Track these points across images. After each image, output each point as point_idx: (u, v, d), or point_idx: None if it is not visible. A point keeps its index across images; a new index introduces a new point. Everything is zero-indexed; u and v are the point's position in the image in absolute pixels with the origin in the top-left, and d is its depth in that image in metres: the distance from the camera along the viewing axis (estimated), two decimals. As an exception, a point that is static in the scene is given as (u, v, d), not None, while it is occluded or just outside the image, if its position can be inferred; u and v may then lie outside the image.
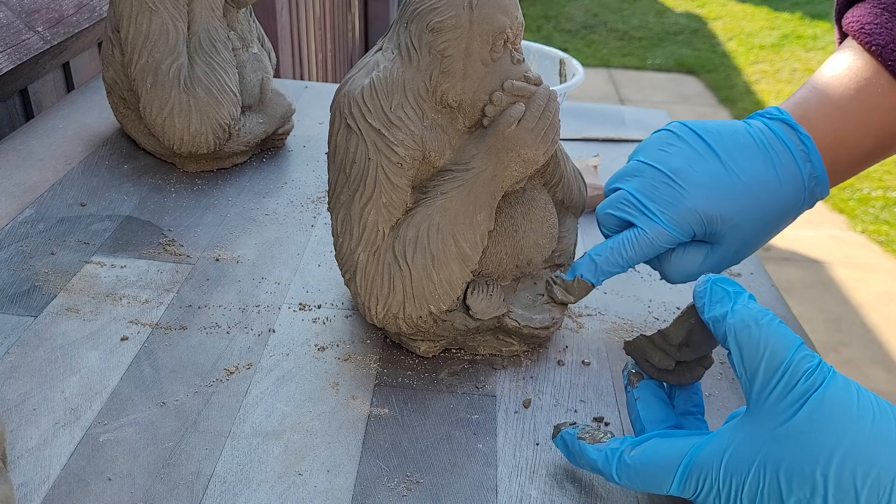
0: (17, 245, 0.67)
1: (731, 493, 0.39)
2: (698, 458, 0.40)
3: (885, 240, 2.58)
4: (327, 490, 0.47)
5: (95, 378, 0.53)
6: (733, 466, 0.38)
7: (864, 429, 0.36)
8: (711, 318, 0.41)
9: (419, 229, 0.52)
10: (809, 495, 0.36)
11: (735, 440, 0.39)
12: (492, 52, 0.52)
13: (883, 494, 0.35)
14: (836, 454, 0.35)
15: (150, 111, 0.76)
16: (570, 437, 0.46)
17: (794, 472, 0.36)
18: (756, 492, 0.38)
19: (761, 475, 0.37)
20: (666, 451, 0.41)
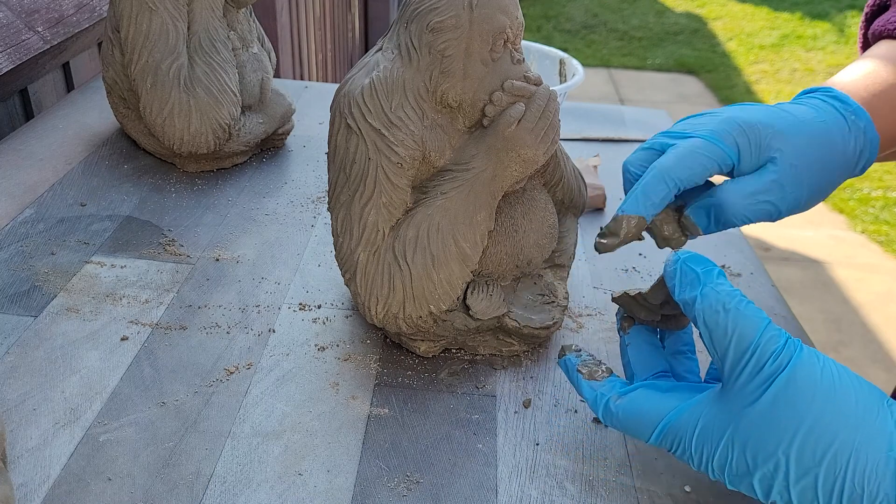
0: (17, 245, 0.67)
1: (703, 460, 0.41)
2: (674, 424, 0.42)
3: (885, 240, 2.58)
4: (327, 490, 0.47)
5: (95, 378, 0.53)
6: (704, 438, 0.41)
7: (825, 407, 0.38)
8: (681, 301, 0.42)
9: (419, 229, 0.52)
10: (773, 471, 0.39)
11: (708, 413, 0.41)
12: (492, 52, 0.52)
13: (840, 470, 0.37)
14: (798, 434, 0.38)
15: (150, 111, 0.76)
16: (571, 366, 0.48)
17: (759, 450, 0.39)
18: (725, 463, 0.40)
19: (730, 449, 0.40)
20: (646, 408, 0.44)
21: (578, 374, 0.47)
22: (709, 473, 0.42)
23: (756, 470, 0.39)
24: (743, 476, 0.40)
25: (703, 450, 0.41)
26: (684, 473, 0.50)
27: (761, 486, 0.40)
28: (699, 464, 0.42)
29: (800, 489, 0.38)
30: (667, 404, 0.43)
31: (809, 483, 0.38)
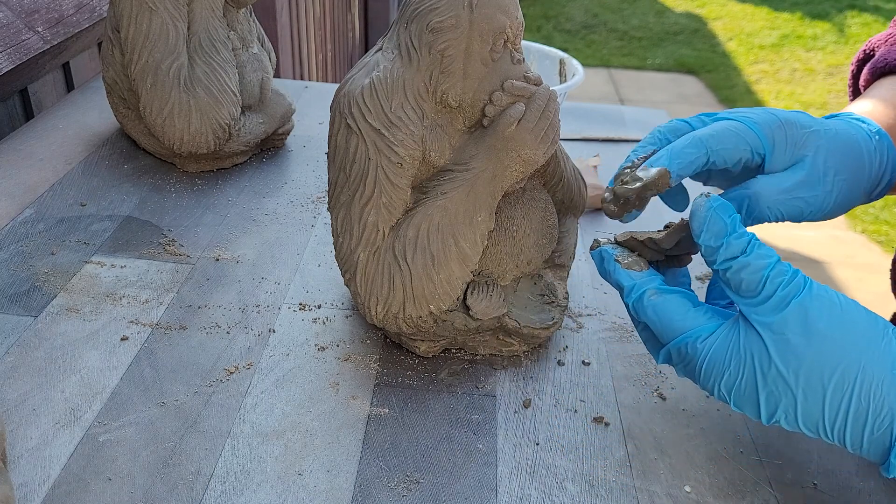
0: (17, 245, 0.67)
1: (711, 379, 0.44)
2: (692, 342, 0.45)
3: (885, 240, 2.58)
4: (327, 490, 0.47)
5: (95, 378, 0.53)
6: (716, 358, 0.43)
7: (834, 329, 0.40)
8: (705, 245, 0.44)
9: (419, 229, 0.52)
10: (781, 389, 0.41)
11: (724, 336, 0.43)
12: (492, 52, 0.52)
13: (847, 387, 0.40)
14: (808, 353, 0.40)
15: (150, 111, 0.76)
16: (608, 256, 0.49)
17: (768, 369, 0.42)
18: (734, 383, 0.43)
19: (740, 369, 0.42)
20: (676, 316, 0.45)
21: (616, 263, 0.48)
22: (713, 393, 0.44)
23: (764, 388, 0.42)
24: (749, 396, 0.42)
25: (714, 370, 0.43)
26: (684, 473, 0.50)
27: (767, 406, 0.42)
28: (704, 383, 0.44)
29: (806, 406, 0.41)
30: (693, 321, 0.45)
31: (816, 400, 0.40)
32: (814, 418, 0.41)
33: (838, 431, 0.41)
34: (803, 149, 0.50)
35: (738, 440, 0.53)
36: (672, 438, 0.52)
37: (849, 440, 0.41)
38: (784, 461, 0.51)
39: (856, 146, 0.52)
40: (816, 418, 0.41)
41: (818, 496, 0.49)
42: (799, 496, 0.49)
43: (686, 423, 0.54)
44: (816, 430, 0.42)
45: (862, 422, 0.40)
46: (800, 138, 0.50)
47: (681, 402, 0.56)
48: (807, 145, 0.50)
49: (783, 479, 0.50)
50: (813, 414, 0.41)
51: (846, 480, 0.50)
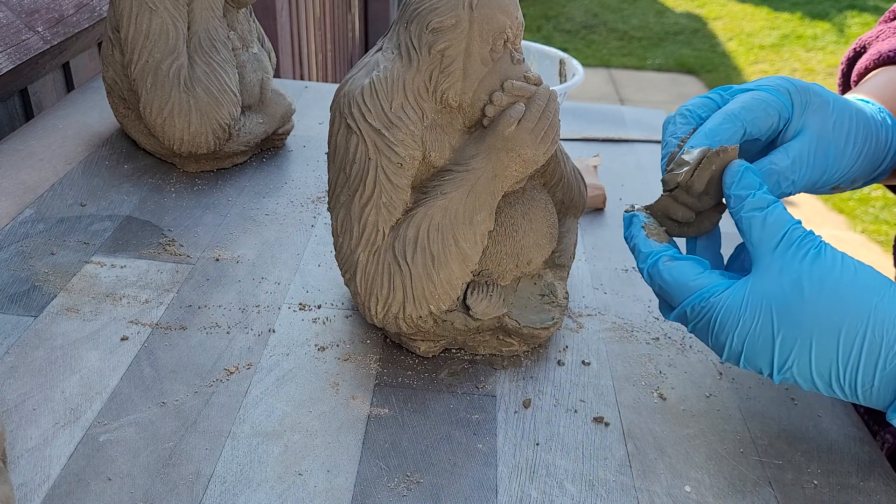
0: (17, 245, 0.67)
1: (725, 332, 0.45)
2: (707, 297, 0.46)
3: (885, 240, 2.58)
4: (327, 490, 0.47)
5: (95, 378, 0.53)
6: (731, 309, 0.45)
7: (847, 278, 0.43)
8: (735, 194, 0.47)
9: (419, 229, 0.52)
10: (794, 333, 0.43)
11: (738, 291, 0.45)
12: (492, 52, 0.52)
13: (861, 324, 0.42)
14: (822, 296, 0.43)
15: (150, 111, 0.76)
16: (637, 221, 0.51)
17: (783, 314, 0.43)
18: (748, 332, 0.44)
19: (757, 316, 0.44)
20: (688, 277, 0.47)
21: (642, 230, 0.50)
22: (725, 349, 0.46)
23: (779, 334, 0.43)
24: (764, 344, 0.44)
25: (729, 320, 0.45)
26: (684, 473, 0.50)
27: (781, 352, 0.44)
28: (718, 336, 0.46)
29: (820, 348, 0.43)
30: (707, 280, 0.47)
31: (831, 339, 0.42)
32: (827, 360, 0.43)
33: (851, 370, 0.43)
34: (818, 114, 0.52)
35: (738, 440, 0.53)
36: (672, 438, 0.52)
37: (860, 380, 0.43)
38: (784, 461, 0.51)
39: (864, 115, 0.54)
40: (830, 360, 0.43)
41: (818, 496, 0.49)
42: (799, 496, 0.49)
43: (686, 423, 0.54)
44: (829, 375, 0.43)
45: (875, 357, 0.42)
46: (815, 105, 0.52)
47: (681, 402, 0.56)
48: (821, 111, 0.52)
49: (783, 479, 0.50)
50: (827, 355, 0.43)
51: (846, 480, 0.50)
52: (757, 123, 0.50)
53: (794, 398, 0.57)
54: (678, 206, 0.51)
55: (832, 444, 0.53)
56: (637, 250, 0.50)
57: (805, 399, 0.57)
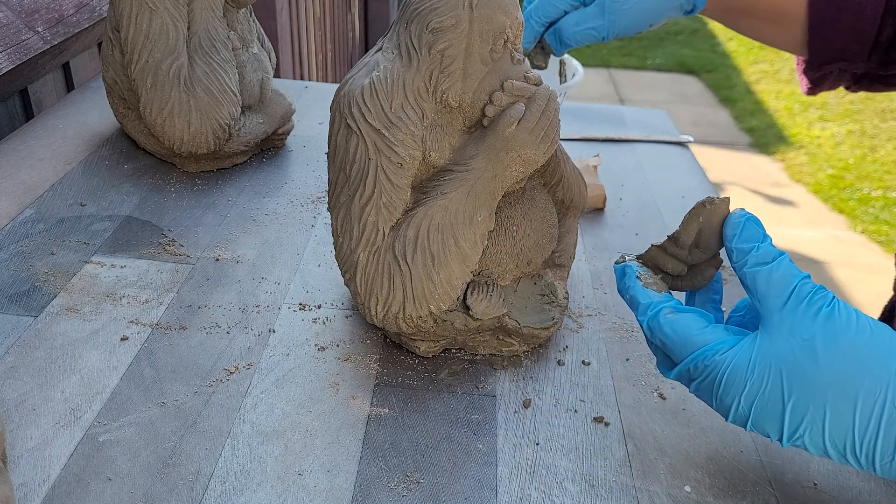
0: (17, 245, 0.67)
1: (731, 393, 0.43)
2: (711, 353, 0.43)
3: (885, 240, 2.58)
4: (327, 490, 0.47)
5: (95, 378, 0.53)
6: (738, 369, 0.42)
7: (863, 339, 0.40)
8: (737, 248, 0.44)
9: (419, 229, 0.52)
10: (807, 397, 0.40)
11: (746, 348, 0.42)
12: (492, 52, 0.52)
13: (880, 390, 0.39)
14: (838, 359, 0.40)
15: (150, 111, 0.76)
16: (630, 272, 0.49)
17: (795, 377, 0.40)
18: (756, 393, 0.42)
19: (766, 377, 0.41)
20: (692, 332, 0.44)
21: (637, 280, 0.48)
22: (731, 411, 0.43)
23: (790, 399, 0.40)
24: (773, 408, 0.41)
25: (736, 380, 0.42)
26: (684, 473, 0.50)
27: (792, 419, 0.41)
28: (724, 396, 0.43)
29: (835, 415, 0.40)
30: (712, 335, 0.44)
31: (847, 407, 0.39)
32: (843, 429, 0.40)
33: (869, 441, 0.40)
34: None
35: (738, 440, 0.53)
36: (672, 438, 0.52)
37: (879, 451, 0.40)
38: (784, 461, 0.51)
39: None
40: (846, 428, 0.40)
41: (818, 496, 0.49)
42: (799, 496, 0.49)
43: (686, 423, 0.54)
44: (844, 445, 0.40)
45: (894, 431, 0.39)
46: None
47: (681, 402, 0.56)
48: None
49: (783, 479, 0.50)
50: (842, 423, 0.40)
51: (846, 480, 0.50)
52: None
53: (794, 398, 0.57)
54: (668, 258, 0.49)
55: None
56: (635, 302, 0.47)
57: (805, 399, 0.57)
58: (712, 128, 3.55)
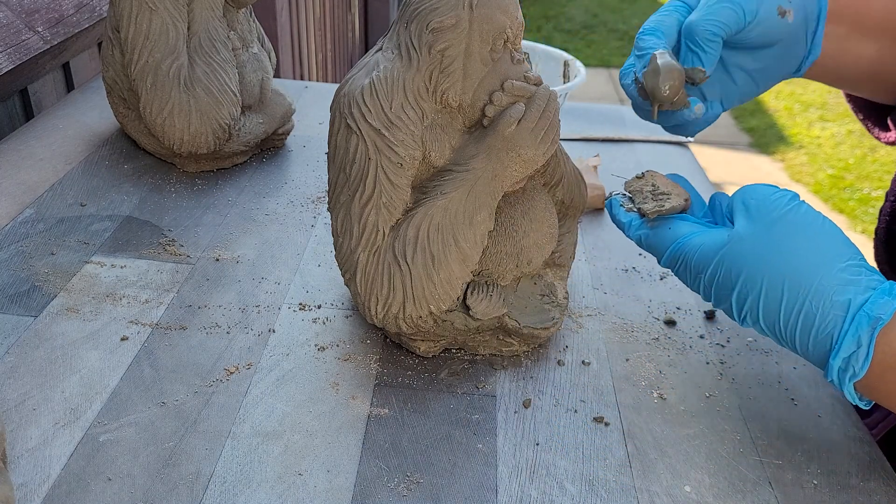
0: (17, 245, 0.67)
1: (698, 277, 0.51)
2: (684, 245, 0.51)
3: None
4: (327, 490, 0.47)
5: (95, 378, 0.53)
6: (703, 257, 0.50)
7: (806, 242, 0.46)
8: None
9: (419, 229, 0.52)
10: (748, 288, 0.47)
11: (711, 239, 0.50)
12: (492, 52, 0.52)
13: (802, 291, 0.46)
14: (774, 260, 0.46)
15: (150, 111, 0.76)
16: (615, 202, 0.58)
17: (741, 269, 0.48)
18: (713, 280, 0.49)
19: (719, 267, 0.49)
20: (669, 231, 0.53)
21: (621, 207, 0.57)
22: (700, 290, 0.51)
23: (735, 287, 0.48)
24: (726, 293, 0.49)
25: (700, 266, 0.50)
26: (684, 473, 0.50)
27: (737, 302, 0.48)
28: (693, 280, 0.51)
29: (767, 303, 0.47)
30: (684, 229, 0.52)
31: (776, 297, 0.46)
32: (772, 315, 0.47)
33: (790, 329, 0.46)
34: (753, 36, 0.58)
35: (738, 440, 0.53)
36: (672, 438, 0.52)
37: (798, 339, 0.46)
38: (784, 461, 0.51)
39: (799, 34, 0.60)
40: (774, 316, 0.47)
41: (818, 496, 0.49)
42: (799, 496, 0.49)
43: (686, 423, 0.54)
44: (773, 328, 0.47)
45: (810, 323, 0.45)
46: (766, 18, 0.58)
47: (681, 402, 0.56)
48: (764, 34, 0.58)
49: (783, 479, 0.50)
50: (771, 311, 0.47)
51: (846, 480, 0.50)
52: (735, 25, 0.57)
53: (794, 398, 0.57)
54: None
55: (832, 444, 0.53)
56: (621, 223, 0.57)
57: (805, 399, 0.57)
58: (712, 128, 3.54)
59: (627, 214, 0.56)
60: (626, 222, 0.56)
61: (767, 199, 0.48)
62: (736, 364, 0.60)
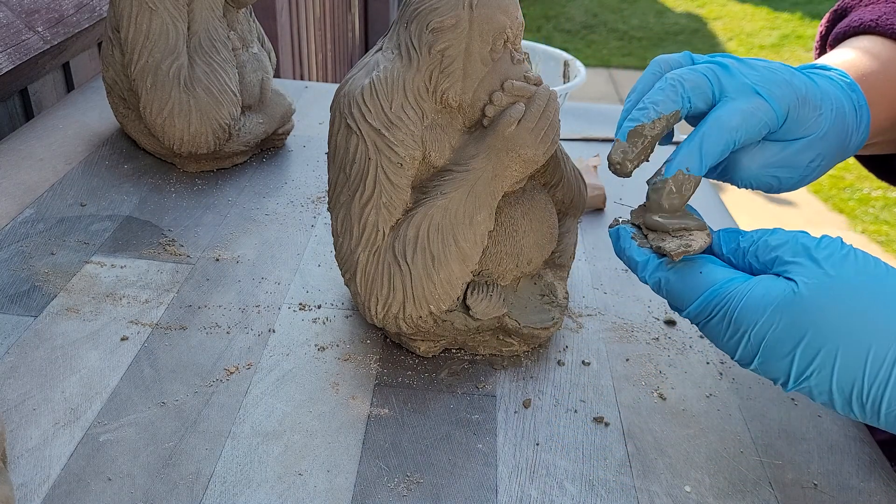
0: (17, 245, 0.67)
1: (740, 330, 0.42)
2: (723, 290, 0.43)
3: (885, 240, 2.58)
4: (327, 490, 0.47)
5: (95, 378, 0.53)
6: (752, 305, 0.41)
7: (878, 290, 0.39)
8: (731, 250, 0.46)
9: (419, 229, 0.52)
10: (821, 341, 0.40)
11: (760, 285, 0.42)
12: (492, 52, 0.52)
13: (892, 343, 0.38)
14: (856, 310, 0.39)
15: (150, 111, 0.76)
16: (624, 234, 0.49)
17: (810, 322, 0.40)
18: (766, 333, 0.41)
19: (777, 318, 0.41)
20: (698, 274, 0.44)
21: (632, 240, 0.48)
22: (739, 347, 0.43)
23: (804, 337, 0.40)
24: (783, 345, 0.41)
25: (749, 314, 0.41)
26: (684, 473, 0.50)
27: (802, 357, 0.40)
28: (733, 334, 0.43)
29: (847, 359, 0.39)
30: (719, 274, 0.44)
31: (860, 351, 0.39)
32: (852, 374, 0.39)
33: (878, 388, 0.39)
34: (803, 129, 0.49)
35: (738, 440, 0.53)
36: (672, 438, 0.52)
37: (886, 401, 0.39)
38: (784, 461, 0.51)
39: (844, 125, 0.50)
40: (855, 374, 0.39)
41: (818, 496, 0.49)
42: (799, 496, 0.49)
43: (686, 423, 0.54)
44: (850, 390, 0.40)
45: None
46: (806, 120, 0.48)
47: (681, 402, 0.56)
48: (809, 127, 0.49)
49: (783, 479, 0.50)
50: (852, 368, 0.39)
51: (846, 480, 0.50)
52: (749, 141, 0.47)
53: (794, 398, 0.57)
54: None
55: (832, 444, 0.53)
56: (633, 261, 0.48)
57: (805, 399, 0.57)
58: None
59: (642, 252, 0.47)
60: (640, 262, 0.47)
61: (844, 255, 0.41)
62: (736, 364, 0.60)
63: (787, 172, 0.50)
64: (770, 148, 0.49)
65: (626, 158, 0.47)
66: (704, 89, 0.47)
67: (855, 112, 0.51)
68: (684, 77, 0.47)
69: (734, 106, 0.46)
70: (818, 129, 0.49)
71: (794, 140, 0.49)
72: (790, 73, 0.49)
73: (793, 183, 0.51)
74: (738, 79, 0.47)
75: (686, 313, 0.45)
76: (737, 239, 0.46)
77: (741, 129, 0.46)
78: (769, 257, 0.43)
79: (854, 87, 0.51)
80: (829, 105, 0.49)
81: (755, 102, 0.46)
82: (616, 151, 0.47)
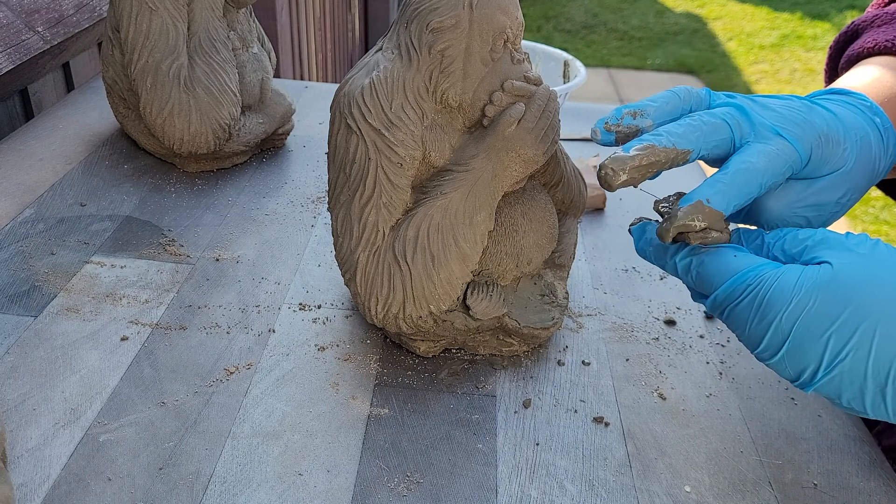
0: (17, 245, 0.67)
1: (769, 315, 0.41)
2: (753, 274, 0.42)
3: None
4: (327, 490, 0.47)
5: (95, 378, 0.53)
6: (782, 289, 0.41)
7: None
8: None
9: (419, 229, 0.52)
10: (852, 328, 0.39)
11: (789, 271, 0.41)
12: (492, 52, 0.52)
13: None
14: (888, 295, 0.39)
15: (150, 111, 0.76)
16: (650, 229, 0.48)
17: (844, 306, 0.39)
18: (798, 316, 0.40)
19: (815, 293, 0.40)
20: (726, 259, 0.44)
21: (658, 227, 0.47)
22: (767, 333, 0.41)
23: (840, 315, 0.39)
24: (818, 328, 0.40)
25: (781, 297, 0.41)
26: (684, 473, 0.50)
27: (837, 340, 0.39)
28: (764, 315, 0.41)
29: (887, 334, 0.38)
30: (750, 260, 0.43)
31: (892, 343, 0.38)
32: (891, 351, 0.38)
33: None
34: (829, 167, 0.48)
35: (738, 440, 0.53)
36: (672, 438, 0.52)
37: None
38: (784, 461, 0.51)
39: (870, 155, 0.49)
40: (893, 356, 0.38)
41: (818, 496, 0.49)
42: (799, 496, 0.49)
43: (686, 423, 0.54)
44: (887, 372, 0.38)
45: None
46: (831, 157, 0.47)
47: (681, 402, 0.56)
48: (834, 164, 0.48)
49: (783, 479, 0.50)
50: (892, 345, 0.38)
51: (846, 480, 0.50)
52: (774, 184, 0.46)
53: (794, 398, 0.57)
54: None
55: (832, 444, 0.53)
56: (661, 248, 0.47)
57: (805, 399, 0.57)
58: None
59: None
60: (671, 247, 0.46)
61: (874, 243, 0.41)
62: (736, 364, 0.60)
63: (815, 212, 0.49)
64: (795, 186, 0.48)
65: (621, 168, 0.47)
66: (724, 135, 0.46)
67: (881, 136, 0.50)
68: (705, 121, 0.46)
69: (758, 148, 0.45)
70: (844, 163, 0.48)
71: (819, 178, 0.48)
72: (808, 108, 0.48)
73: (822, 222, 0.50)
74: (757, 121, 0.46)
75: (713, 297, 0.44)
76: (760, 234, 0.46)
77: (768, 171, 0.45)
78: (797, 249, 0.43)
79: (876, 111, 0.50)
80: (853, 137, 0.48)
81: (778, 144, 0.46)
82: (614, 159, 0.46)
